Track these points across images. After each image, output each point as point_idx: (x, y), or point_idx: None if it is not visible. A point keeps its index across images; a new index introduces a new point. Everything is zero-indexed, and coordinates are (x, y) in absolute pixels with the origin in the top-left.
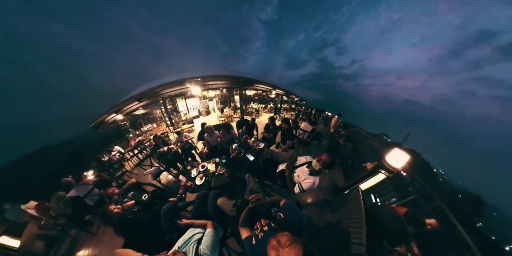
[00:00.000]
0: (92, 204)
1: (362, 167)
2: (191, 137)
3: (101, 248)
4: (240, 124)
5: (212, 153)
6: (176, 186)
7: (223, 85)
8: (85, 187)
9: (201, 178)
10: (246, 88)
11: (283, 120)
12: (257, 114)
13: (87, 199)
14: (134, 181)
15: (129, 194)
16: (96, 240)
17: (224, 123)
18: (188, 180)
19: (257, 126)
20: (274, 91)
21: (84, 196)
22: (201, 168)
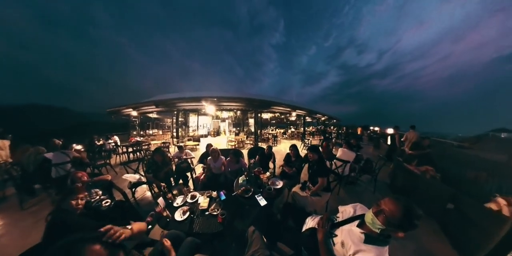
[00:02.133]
0: (53, 176)
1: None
2: (192, 156)
3: (14, 227)
4: (252, 152)
5: (210, 183)
6: (148, 209)
7: (237, 107)
8: (63, 157)
9: (184, 212)
10: (261, 111)
11: (310, 147)
12: (274, 141)
13: (55, 168)
14: (108, 179)
15: (93, 190)
16: (18, 215)
17: (234, 149)
18: (166, 208)
19: (275, 157)
20: (294, 113)
21: (54, 164)
22: (190, 199)
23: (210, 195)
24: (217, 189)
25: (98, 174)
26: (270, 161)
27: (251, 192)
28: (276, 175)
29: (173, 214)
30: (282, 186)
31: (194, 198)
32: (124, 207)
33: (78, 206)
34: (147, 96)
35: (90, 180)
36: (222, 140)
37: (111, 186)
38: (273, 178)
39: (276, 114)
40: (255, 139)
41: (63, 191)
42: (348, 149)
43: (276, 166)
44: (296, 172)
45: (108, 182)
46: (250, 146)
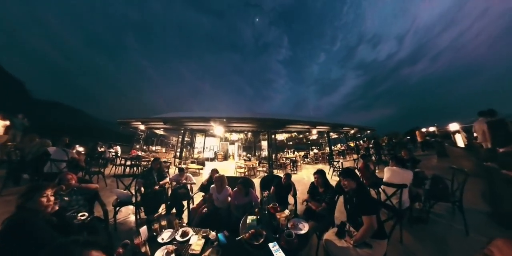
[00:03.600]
0: (45, 170)
1: None
2: (193, 182)
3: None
4: (266, 182)
5: (209, 219)
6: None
7: (248, 128)
8: (62, 154)
9: (168, 253)
10: (275, 132)
11: (343, 172)
12: (294, 167)
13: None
14: (96, 189)
15: (75, 196)
16: None
17: (243, 177)
18: (146, 243)
19: (295, 188)
20: (314, 130)
21: (51, 160)
22: (179, 236)
23: (207, 236)
24: (218, 228)
25: (87, 181)
26: (289, 194)
27: (262, 238)
28: (298, 214)
29: (153, 253)
30: (308, 230)
31: (186, 236)
32: (97, 228)
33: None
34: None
35: (77, 185)
36: (230, 165)
37: (96, 197)
38: (295, 219)
39: (293, 134)
40: (269, 165)
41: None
42: (398, 166)
43: (298, 201)
44: (328, 209)
45: (93, 191)
46: (263, 174)
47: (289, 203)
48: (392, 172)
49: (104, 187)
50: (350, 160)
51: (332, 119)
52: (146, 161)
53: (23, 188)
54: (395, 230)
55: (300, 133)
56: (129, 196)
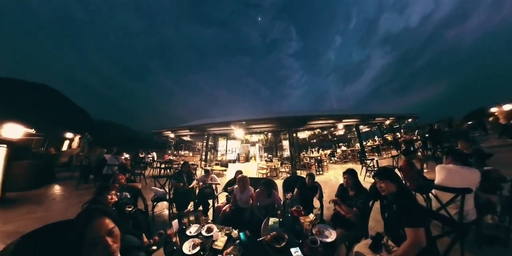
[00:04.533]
0: (104, 172)
1: None
2: (217, 183)
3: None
4: (289, 183)
5: (232, 218)
6: (160, 226)
7: (267, 129)
8: (114, 160)
9: (194, 245)
10: (296, 130)
11: (380, 172)
12: (319, 168)
13: (107, 167)
14: (138, 188)
15: (124, 192)
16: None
17: (265, 179)
18: (176, 234)
19: (321, 190)
20: (340, 124)
21: (108, 164)
22: (205, 231)
23: (229, 233)
24: (240, 227)
25: (133, 181)
26: (314, 197)
27: (284, 241)
28: (325, 220)
29: (182, 243)
30: (335, 239)
31: (210, 232)
32: (140, 218)
33: (111, 201)
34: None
35: (125, 184)
36: (252, 166)
37: (139, 194)
38: (321, 225)
39: (316, 131)
40: (291, 166)
41: (103, 186)
42: (457, 163)
43: (325, 205)
44: (360, 215)
45: (137, 189)
46: (286, 175)
47: (314, 207)
48: (448, 172)
49: (145, 185)
50: (387, 158)
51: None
52: (176, 164)
53: (97, 187)
54: (453, 251)
55: (324, 129)
56: (164, 193)
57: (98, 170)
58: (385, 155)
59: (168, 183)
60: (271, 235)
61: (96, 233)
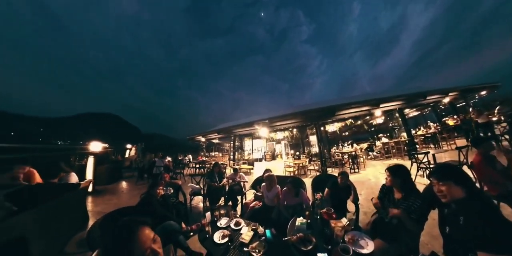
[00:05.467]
0: (154, 172)
1: None
2: (245, 180)
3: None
4: (318, 182)
5: (259, 215)
6: (195, 217)
7: (292, 125)
8: (160, 162)
9: (223, 236)
10: (324, 123)
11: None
12: (354, 165)
13: (156, 168)
14: (179, 184)
15: (168, 187)
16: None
17: (293, 177)
18: (209, 224)
19: (356, 191)
20: (377, 110)
21: (156, 166)
22: (233, 225)
23: (255, 229)
24: (266, 224)
25: (174, 178)
26: (348, 199)
27: (311, 245)
28: (360, 227)
29: (213, 233)
30: (372, 251)
31: (238, 226)
32: (181, 208)
33: (159, 193)
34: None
35: (169, 181)
36: (278, 165)
37: (180, 189)
38: (355, 232)
39: (348, 122)
40: (321, 163)
41: (154, 182)
42: None
43: (361, 209)
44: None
45: (178, 185)
46: (315, 174)
47: (348, 211)
48: None
49: (184, 182)
50: (449, 150)
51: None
52: (208, 164)
53: (149, 183)
54: None
55: (357, 119)
56: (199, 189)
57: (150, 170)
58: (446, 147)
59: (202, 181)
60: (298, 236)
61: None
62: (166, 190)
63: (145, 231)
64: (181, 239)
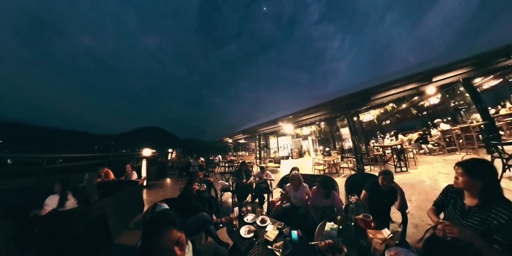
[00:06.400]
0: (190, 171)
1: None
2: (272, 179)
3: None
4: (354, 182)
5: (285, 214)
6: (225, 211)
7: (319, 118)
8: (196, 163)
9: (249, 231)
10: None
11: None
12: (400, 162)
13: (192, 167)
14: (211, 181)
15: (202, 184)
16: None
17: (323, 176)
18: (237, 219)
19: (403, 197)
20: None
21: (192, 165)
22: (259, 221)
23: (281, 228)
24: (292, 224)
25: (207, 176)
26: (392, 205)
27: (341, 254)
28: (408, 242)
29: (240, 227)
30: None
31: (264, 223)
32: (212, 202)
33: (195, 188)
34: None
35: (203, 178)
36: (306, 162)
37: (211, 185)
38: (400, 249)
39: (388, 107)
40: (356, 160)
41: (191, 179)
42: None
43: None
44: (493, 251)
45: (210, 182)
46: (349, 172)
47: (392, 220)
48: None
49: (215, 179)
50: None
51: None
52: (236, 163)
53: (187, 180)
54: None
55: (400, 101)
56: (228, 186)
57: (187, 169)
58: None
59: (230, 178)
60: (326, 243)
61: (165, 245)
62: (200, 186)
63: (170, 232)
64: (212, 229)
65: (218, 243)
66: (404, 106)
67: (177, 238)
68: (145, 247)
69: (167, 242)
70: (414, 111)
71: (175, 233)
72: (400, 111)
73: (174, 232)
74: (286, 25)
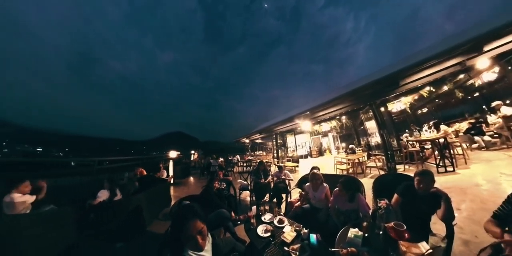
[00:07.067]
0: (211, 170)
1: None
2: (290, 178)
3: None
4: (383, 184)
5: (304, 216)
6: (243, 209)
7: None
8: (215, 163)
9: (266, 230)
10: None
11: None
12: (443, 159)
13: (212, 167)
14: (230, 180)
15: (222, 182)
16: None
17: (346, 177)
18: (254, 217)
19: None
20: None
21: (212, 165)
22: (276, 222)
23: (299, 231)
24: (311, 227)
25: (227, 175)
26: (432, 214)
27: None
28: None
29: (257, 226)
30: None
31: (281, 224)
32: (231, 200)
33: (215, 187)
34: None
35: (222, 177)
36: (327, 161)
37: (230, 184)
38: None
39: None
40: (386, 158)
41: (211, 178)
42: None
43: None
44: None
45: (230, 181)
46: (377, 172)
47: (432, 232)
48: None
49: (234, 178)
50: None
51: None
52: (254, 162)
53: (208, 178)
54: None
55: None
56: (247, 185)
57: (208, 169)
58: None
59: (249, 177)
60: (348, 251)
61: (190, 232)
62: (220, 184)
63: (194, 222)
64: (230, 225)
65: (236, 240)
66: (445, 88)
67: (200, 228)
68: (174, 233)
69: (192, 230)
70: (460, 94)
71: (199, 223)
72: (441, 95)
73: (198, 223)
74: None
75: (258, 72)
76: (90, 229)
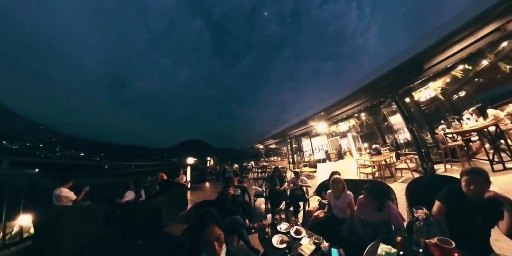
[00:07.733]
0: (226, 176)
1: None
2: (308, 185)
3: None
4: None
5: (324, 227)
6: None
7: (356, 109)
8: (230, 169)
9: (282, 241)
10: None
11: None
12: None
13: (227, 173)
14: (245, 186)
15: (236, 188)
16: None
17: (372, 182)
18: (269, 226)
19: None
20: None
21: (227, 172)
22: (293, 232)
23: (318, 243)
24: (333, 240)
25: (242, 181)
26: (492, 227)
27: None
28: None
29: (272, 235)
30: None
31: (299, 235)
32: (246, 207)
33: (230, 193)
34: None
35: (237, 184)
36: (349, 165)
37: (245, 190)
38: None
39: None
40: (420, 157)
41: (227, 184)
42: None
43: None
44: None
45: (244, 187)
46: (410, 176)
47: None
48: None
49: (249, 185)
50: None
51: None
52: (269, 168)
53: (223, 185)
54: None
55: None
56: (262, 191)
57: (223, 175)
58: None
59: (264, 184)
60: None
61: (208, 237)
62: (235, 190)
63: (213, 228)
64: (244, 233)
65: (249, 248)
66: (485, 63)
67: (218, 234)
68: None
69: (210, 235)
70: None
71: (217, 230)
72: (481, 73)
73: (216, 229)
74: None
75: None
76: (116, 225)
